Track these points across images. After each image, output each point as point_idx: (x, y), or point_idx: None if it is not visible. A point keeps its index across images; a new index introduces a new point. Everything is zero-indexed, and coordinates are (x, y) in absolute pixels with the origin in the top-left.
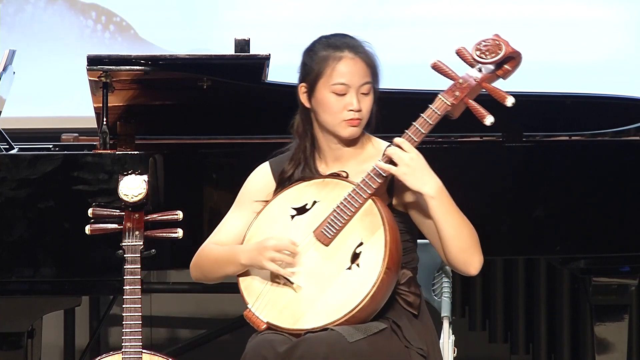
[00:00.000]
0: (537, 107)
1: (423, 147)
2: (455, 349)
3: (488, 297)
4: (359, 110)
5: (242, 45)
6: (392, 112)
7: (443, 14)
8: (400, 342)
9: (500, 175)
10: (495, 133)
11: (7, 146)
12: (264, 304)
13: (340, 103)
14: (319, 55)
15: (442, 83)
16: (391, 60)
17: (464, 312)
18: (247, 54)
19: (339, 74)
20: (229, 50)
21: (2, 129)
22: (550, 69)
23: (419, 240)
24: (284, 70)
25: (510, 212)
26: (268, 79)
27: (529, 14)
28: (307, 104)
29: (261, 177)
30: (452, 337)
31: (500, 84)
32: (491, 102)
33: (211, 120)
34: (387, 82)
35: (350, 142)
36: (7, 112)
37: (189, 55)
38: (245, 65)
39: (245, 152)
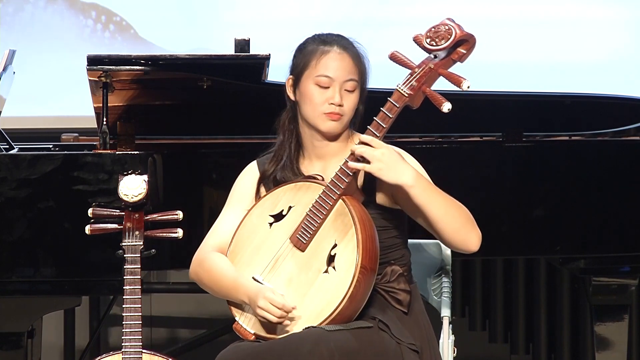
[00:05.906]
0: (537, 107)
1: (423, 148)
2: (455, 349)
3: (488, 297)
4: (340, 105)
5: (242, 45)
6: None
7: (443, 14)
8: (391, 338)
9: (500, 175)
10: (495, 133)
11: (7, 146)
12: (251, 315)
13: (322, 96)
14: (308, 48)
15: (441, 84)
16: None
17: (464, 312)
18: (247, 54)
19: (323, 67)
20: (229, 50)
21: (2, 129)
22: (550, 69)
23: (417, 241)
24: (284, 70)
25: (510, 212)
26: (268, 79)
27: (529, 14)
28: (292, 97)
29: (249, 176)
30: (452, 337)
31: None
32: (492, 104)
33: (211, 120)
34: (387, 81)
35: (334, 138)
36: (7, 112)
37: (189, 55)
38: (245, 65)
39: (245, 152)
